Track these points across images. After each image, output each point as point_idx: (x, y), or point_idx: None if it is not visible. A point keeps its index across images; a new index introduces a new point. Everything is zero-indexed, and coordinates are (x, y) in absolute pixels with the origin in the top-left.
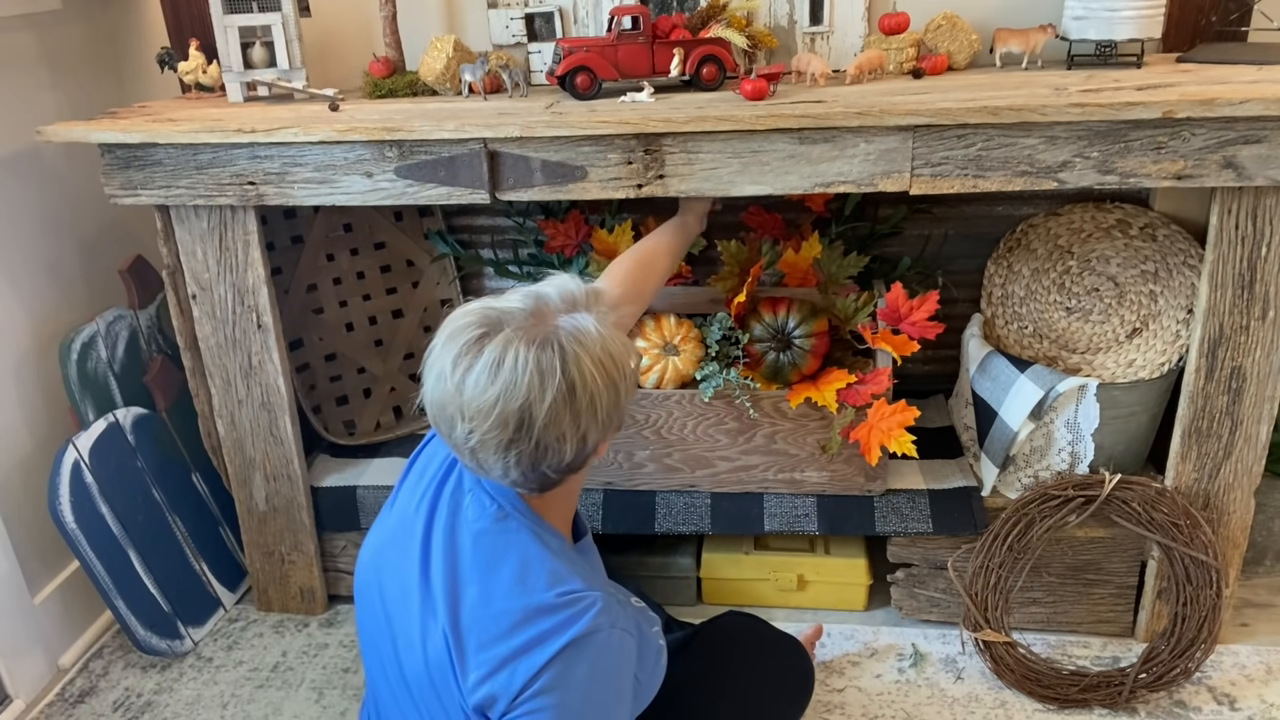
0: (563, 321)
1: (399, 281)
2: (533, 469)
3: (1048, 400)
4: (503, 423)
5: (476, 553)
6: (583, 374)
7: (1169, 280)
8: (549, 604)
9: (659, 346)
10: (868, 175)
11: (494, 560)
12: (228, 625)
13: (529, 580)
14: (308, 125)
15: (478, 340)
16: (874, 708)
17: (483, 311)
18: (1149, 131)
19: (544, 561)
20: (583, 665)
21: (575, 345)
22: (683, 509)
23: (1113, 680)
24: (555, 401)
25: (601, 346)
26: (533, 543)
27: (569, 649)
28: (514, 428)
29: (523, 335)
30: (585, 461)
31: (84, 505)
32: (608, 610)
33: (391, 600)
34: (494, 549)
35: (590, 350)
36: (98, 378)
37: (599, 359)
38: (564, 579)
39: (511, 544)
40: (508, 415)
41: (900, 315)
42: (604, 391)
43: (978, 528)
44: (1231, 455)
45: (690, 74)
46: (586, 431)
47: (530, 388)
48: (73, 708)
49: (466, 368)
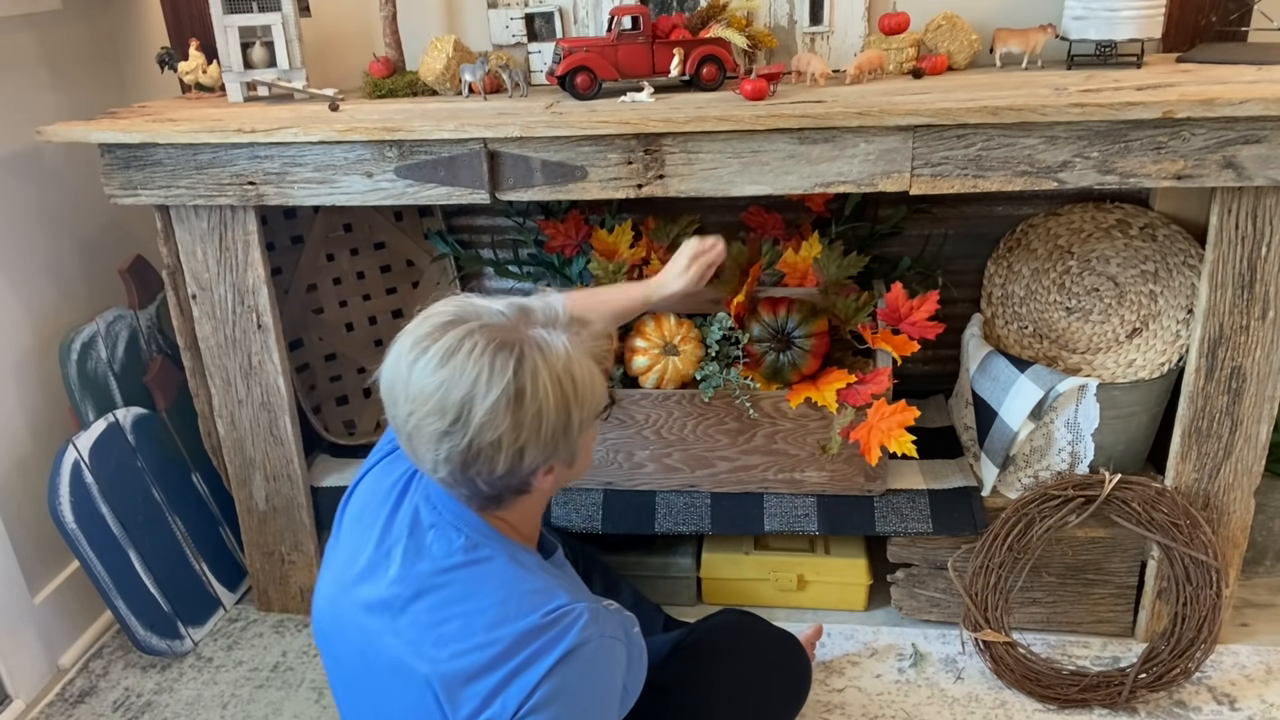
0: (534, 332)
1: (399, 281)
2: (462, 471)
3: (1048, 400)
4: (440, 410)
5: (453, 588)
6: (535, 385)
7: (1169, 280)
8: (536, 625)
9: (659, 346)
10: (868, 175)
11: (473, 592)
12: (228, 625)
13: (512, 607)
14: (308, 125)
15: (443, 326)
16: (874, 708)
17: (462, 304)
18: (1149, 131)
19: (524, 583)
20: (575, 678)
21: (536, 355)
22: (683, 509)
23: (1113, 680)
24: (498, 403)
25: (564, 365)
26: (509, 567)
27: (560, 664)
28: (450, 419)
29: (487, 332)
30: (524, 483)
31: (84, 505)
32: (595, 620)
33: (363, 647)
34: (471, 581)
35: (550, 365)
36: (98, 378)
37: (557, 376)
38: (548, 597)
39: (489, 573)
40: (447, 405)
41: (900, 315)
42: (553, 410)
43: (978, 528)
44: (1231, 455)
45: (690, 74)
46: (524, 446)
47: (476, 382)
48: (73, 708)
49: (423, 350)
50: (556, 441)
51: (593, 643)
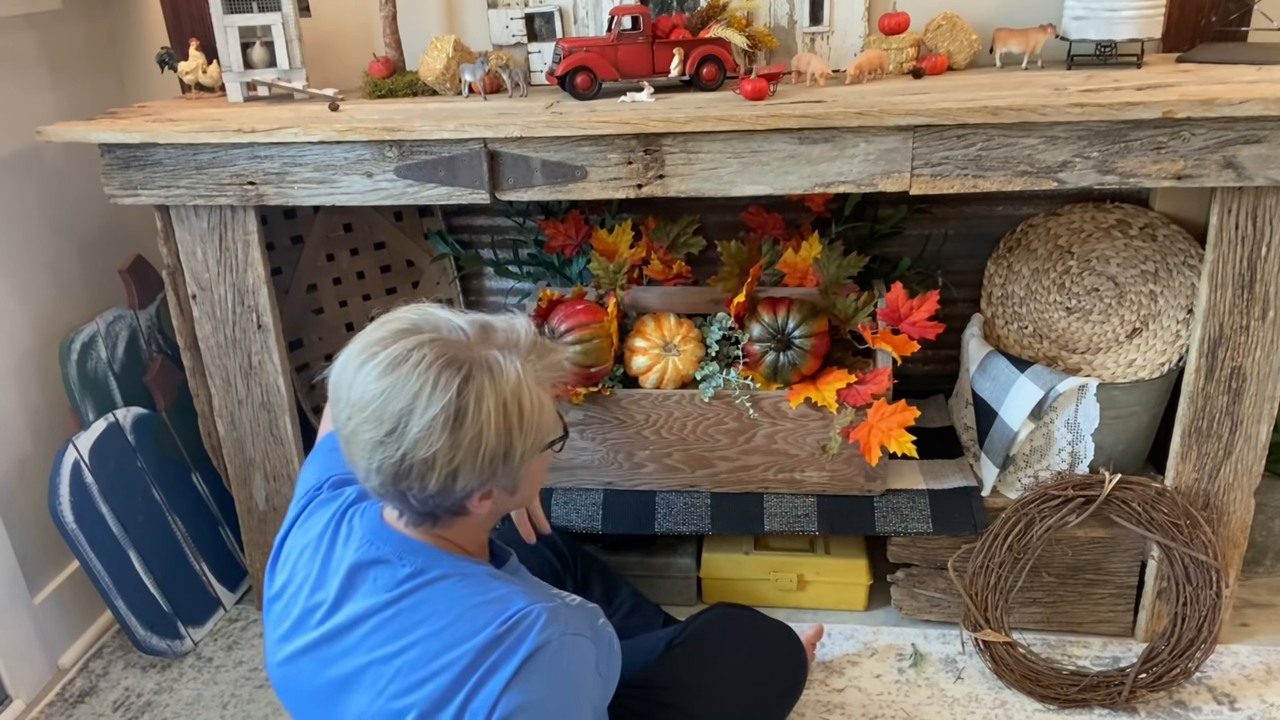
0: (488, 353)
1: (399, 281)
2: (393, 483)
3: (1048, 400)
4: (378, 419)
5: (403, 618)
6: (478, 407)
7: (1169, 280)
8: (494, 636)
9: (659, 346)
10: (868, 175)
11: (425, 617)
12: (228, 625)
13: (465, 624)
14: (308, 125)
15: (397, 333)
16: (874, 708)
17: (423, 314)
18: (1149, 131)
19: (476, 596)
20: (540, 682)
21: (484, 376)
22: (683, 509)
23: (1113, 680)
24: (435, 420)
25: (512, 390)
26: (459, 584)
27: (523, 670)
28: (386, 430)
29: (439, 346)
30: (459, 505)
31: (84, 505)
32: (554, 619)
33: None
34: (420, 607)
35: (498, 389)
36: (98, 378)
37: (503, 401)
38: (503, 606)
39: (437, 594)
40: (385, 414)
41: (900, 315)
42: (494, 436)
43: (978, 528)
44: (1231, 455)
45: (690, 74)
46: (459, 468)
47: (417, 396)
48: (73, 708)
49: (371, 354)
50: (495, 468)
51: (554, 642)
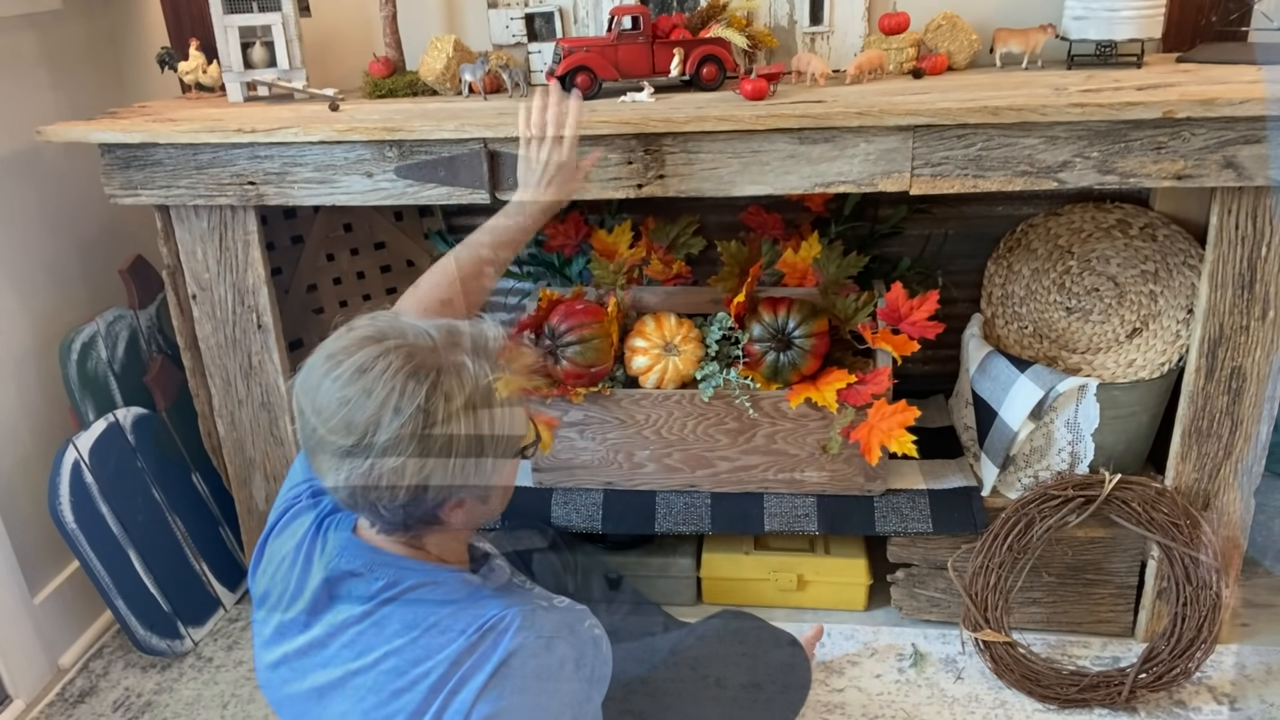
0: (456, 358)
1: (399, 281)
2: (363, 494)
3: (1048, 400)
4: (345, 429)
5: (377, 631)
6: (447, 414)
7: (1169, 280)
8: (468, 645)
9: (659, 346)
10: (868, 175)
11: (400, 631)
12: (228, 625)
13: (440, 634)
14: (308, 125)
15: (361, 341)
16: (874, 708)
17: (390, 322)
18: (1149, 131)
19: (450, 605)
20: (513, 689)
21: (452, 382)
22: (683, 509)
23: (1112, 680)
24: (403, 429)
25: (481, 397)
26: (431, 595)
27: (495, 679)
28: (354, 440)
29: (405, 353)
30: (430, 515)
31: (84, 505)
32: (528, 624)
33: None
34: (392, 617)
35: (467, 395)
36: (98, 378)
37: (472, 407)
38: (476, 614)
39: (411, 606)
40: (352, 424)
41: (900, 315)
42: (464, 443)
43: (978, 528)
44: (1231, 455)
45: (690, 74)
46: (429, 476)
47: (384, 404)
48: (73, 708)
49: (336, 363)
50: (466, 475)
51: (528, 647)
